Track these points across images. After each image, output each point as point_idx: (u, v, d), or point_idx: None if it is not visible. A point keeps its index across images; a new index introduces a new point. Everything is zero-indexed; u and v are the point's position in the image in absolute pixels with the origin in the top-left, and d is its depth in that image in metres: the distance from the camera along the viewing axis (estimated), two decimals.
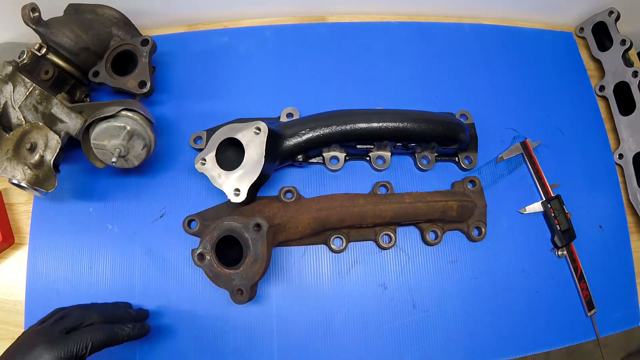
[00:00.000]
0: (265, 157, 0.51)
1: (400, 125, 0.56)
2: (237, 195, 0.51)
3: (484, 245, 0.60)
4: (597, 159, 0.68)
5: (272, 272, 0.57)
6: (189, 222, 0.56)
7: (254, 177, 0.51)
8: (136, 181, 0.60)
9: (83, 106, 0.54)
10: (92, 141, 0.51)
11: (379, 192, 0.59)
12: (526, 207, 0.63)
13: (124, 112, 0.51)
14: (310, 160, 0.61)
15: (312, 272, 0.58)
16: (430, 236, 0.59)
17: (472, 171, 0.64)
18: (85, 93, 0.62)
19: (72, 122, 0.52)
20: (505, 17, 0.77)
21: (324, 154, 0.60)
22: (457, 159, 0.63)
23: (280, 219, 0.52)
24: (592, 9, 0.75)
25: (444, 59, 0.71)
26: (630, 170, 0.66)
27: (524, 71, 0.72)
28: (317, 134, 0.55)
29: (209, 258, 0.47)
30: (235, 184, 0.51)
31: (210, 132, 0.61)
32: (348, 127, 0.56)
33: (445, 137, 0.59)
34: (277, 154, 0.55)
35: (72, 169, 0.60)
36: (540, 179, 0.63)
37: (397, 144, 0.59)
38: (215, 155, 0.53)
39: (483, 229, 0.59)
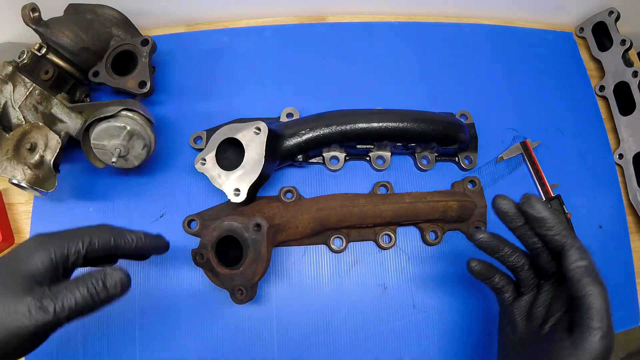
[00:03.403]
0: (265, 157, 0.51)
1: (400, 125, 0.56)
2: (237, 195, 0.51)
3: None
4: (597, 159, 0.68)
5: (272, 272, 0.57)
6: (189, 222, 0.56)
7: (254, 177, 0.51)
8: (136, 181, 0.60)
9: (83, 106, 0.54)
10: (92, 141, 0.51)
11: (379, 192, 0.59)
12: None
13: (124, 112, 0.51)
14: (310, 160, 0.61)
15: (312, 272, 0.58)
16: (430, 236, 0.59)
17: (472, 171, 0.64)
18: (85, 93, 0.62)
19: (72, 122, 0.52)
20: (506, 17, 0.77)
21: (324, 154, 0.60)
22: (457, 159, 0.63)
23: (280, 219, 0.52)
24: (592, 9, 0.74)
25: (444, 59, 0.71)
26: (630, 170, 0.66)
27: (524, 71, 0.71)
28: (317, 134, 0.55)
29: (209, 258, 0.47)
30: (235, 184, 0.51)
31: (210, 132, 0.61)
32: (348, 127, 0.56)
33: (445, 137, 0.59)
34: (277, 154, 0.55)
35: (72, 169, 0.60)
36: (540, 179, 0.63)
37: (397, 144, 0.59)
38: (215, 155, 0.53)
39: (483, 229, 0.59)
